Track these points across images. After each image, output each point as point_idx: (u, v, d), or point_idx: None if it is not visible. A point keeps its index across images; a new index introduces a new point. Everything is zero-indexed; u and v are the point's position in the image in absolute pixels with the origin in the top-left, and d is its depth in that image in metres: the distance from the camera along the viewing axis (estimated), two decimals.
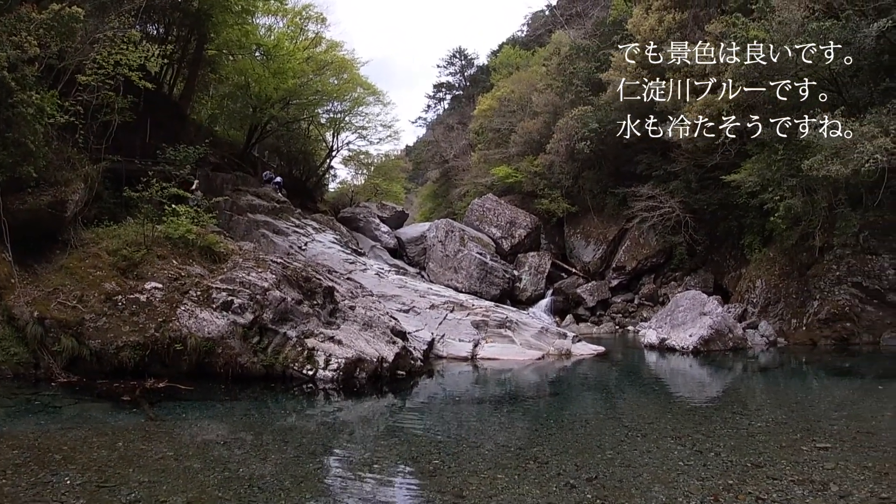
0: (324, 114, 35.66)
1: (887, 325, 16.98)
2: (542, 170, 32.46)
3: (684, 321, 18.51)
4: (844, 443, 7.94)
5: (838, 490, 6.21)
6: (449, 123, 54.69)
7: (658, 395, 12.78)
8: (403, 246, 32.00)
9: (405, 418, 10.31)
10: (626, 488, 6.31)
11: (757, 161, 19.98)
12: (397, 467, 7.26)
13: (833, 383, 13.37)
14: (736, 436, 8.54)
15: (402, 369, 13.40)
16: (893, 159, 14.93)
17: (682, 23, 27.08)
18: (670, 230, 26.58)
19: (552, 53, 38.47)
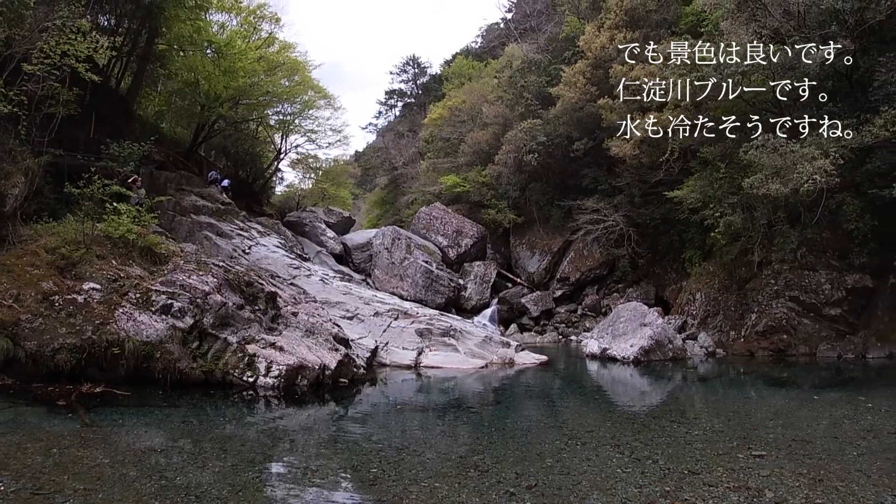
0: (273, 115, 35.31)
1: (823, 337, 17.63)
2: (489, 180, 32.78)
3: (625, 332, 18.84)
4: (780, 450, 8.18)
5: (773, 496, 6.40)
6: (399, 131, 54.73)
7: (599, 404, 12.95)
8: (349, 252, 31.81)
9: (347, 427, 10.19)
10: (565, 496, 6.37)
11: (699, 178, 20.57)
12: (337, 476, 7.18)
13: (770, 393, 13.74)
14: (674, 444, 8.70)
15: (345, 377, 13.25)
16: (832, 180, 15.51)
17: (633, 42, 27.60)
18: (614, 243, 27.16)
19: (504, 66, 38.96)
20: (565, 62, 31.27)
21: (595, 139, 27.60)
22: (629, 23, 28.11)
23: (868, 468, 7.28)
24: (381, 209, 50.68)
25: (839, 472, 7.15)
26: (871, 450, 8.09)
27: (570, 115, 28.67)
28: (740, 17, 19.15)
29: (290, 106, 34.54)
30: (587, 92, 27.94)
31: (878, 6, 15.74)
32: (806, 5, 17.05)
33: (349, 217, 38.85)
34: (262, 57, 30.13)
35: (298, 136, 36.93)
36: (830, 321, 17.59)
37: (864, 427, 9.43)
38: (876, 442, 8.54)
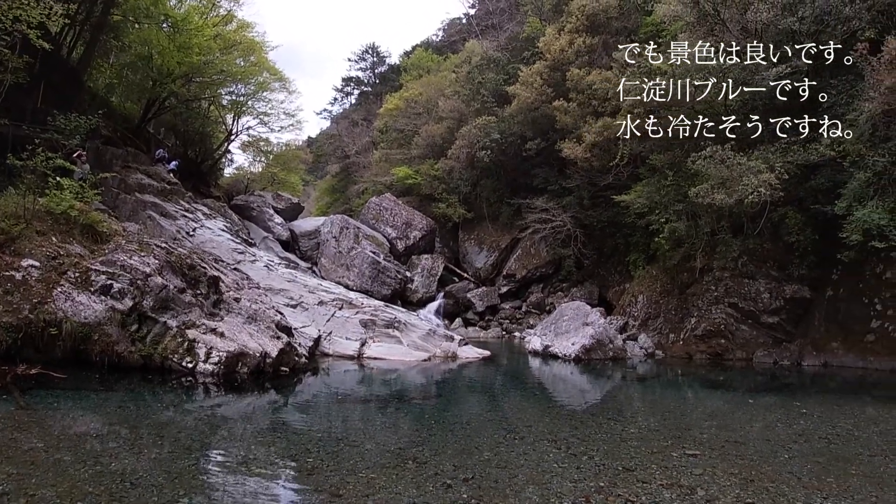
0: (226, 95, 34.50)
1: (760, 343, 18.06)
2: (441, 174, 32.74)
3: (568, 330, 19.05)
4: (713, 450, 8.31)
5: (705, 494, 6.48)
6: (354, 119, 54.27)
7: (538, 400, 13.05)
8: (297, 239, 31.38)
9: (286, 416, 10.06)
10: (501, 489, 6.40)
11: (647, 185, 20.88)
12: (275, 465, 7.09)
13: (706, 395, 13.99)
14: (610, 440, 8.79)
15: (286, 366, 13.07)
16: (776, 193, 15.90)
17: (592, 47, 27.99)
18: (561, 243, 27.44)
19: (463, 61, 38.93)
20: (524, 62, 31.45)
21: (548, 140, 27.81)
22: (590, 28, 28.40)
23: (799, 470, 7.45)
24: (331, 197, 50.14)
25: (770, 473, 7.30)
26: (802, 453, 8.28)
27: (525, 114, 28.85)
28: (699, 31, 19.50)
29: (243, 86, 33.81)
30: (543, 93, 28.14)
31: (834, 31, 16.21)
32: (764, 24, 17.43)
33: (298, 203, 38.31)
34: (219, 35, 29.44)
35: (251, 117, 36.27)
36: (768, 328, 18.06)
37: (796, 431, 9.65)
38: (807, 446, 8.74)
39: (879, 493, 6.65)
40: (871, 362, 15.69)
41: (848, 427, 9.90)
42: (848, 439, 9.13)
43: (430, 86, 39.78)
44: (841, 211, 15.08)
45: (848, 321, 16.59)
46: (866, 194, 14.82)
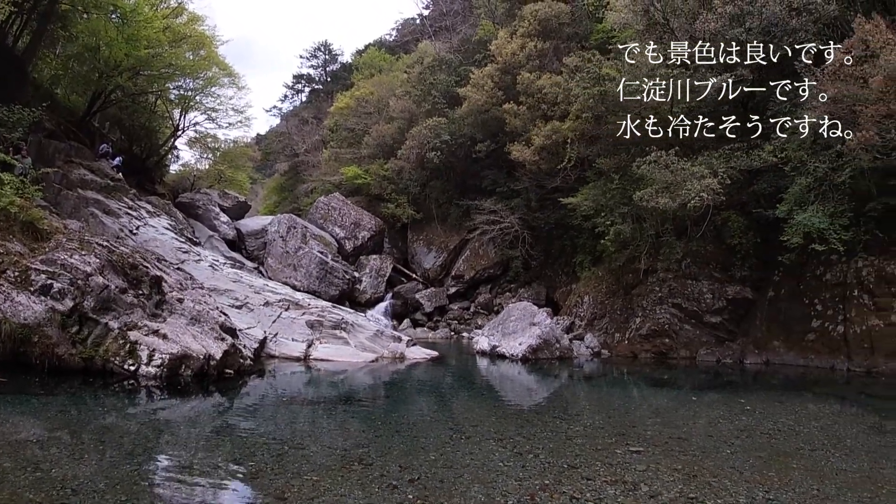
0: (174, 90, 33.47)
1: (703, 342, 18.36)
2: (391, 174, 32.62)
3: (515, 330, 19.10)
4: (657, 447, 8.37)
5: (648, 490, 6.52)
6: (304, 117, 53.67)
7: (485, 400, 13.03)
8: (243, 238, 30.84)
9: (231, 419, 9.85)
10: (446, 489, 6.36)
11: (594, 188, 21.13)
12: (219, 469, 6.93)
13: (651, 393, 14.15)
14: (555, 439, 8.80)
15: (231, 368, 12.78)
16: (718, 198, 16.22)
17: (543, 52, 28.26)
18: (509, 244, 27.61)
19: (416, 62, 38.94)
20: (476, 64, 31.61)
21: (497, 142, 27.98)
22: (541, 32, 28.69)
23: (741, 465, 7.55)
24: (279, 196, 49.45)
25: (713, 468, 7.39)
26: (744, 448, 8.41)
27: (475, 116, 28.98)
28: (647, 39, 19.79)
29: (192, 81, 32.94)
30: (494, 95, 28.33)
31: (780, 42, 16.62)
32: (712, 34, 17.78)
33: (245, 202, 37.59)
34: (169, 27, 28.65)
35: (198, 113, 35.28)
36: (711, 328, 18.39)
37: (738, 427, 9.81)
38: (749, 441, 8.87)
39: (820, 486, 6.78)
40: (812, 360, 16.11)
41: (789, 423, 10.09)
42: (789, 434, 9.30)
43: (382, 85, 39.65)
44: (782, 214, 15.45)
45: (789, 321, 17.00)
46: (807, 199, 15.21)
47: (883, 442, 8.87)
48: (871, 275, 15.31)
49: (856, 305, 15.50)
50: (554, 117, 24.90)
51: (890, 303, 14.92)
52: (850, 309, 15.59)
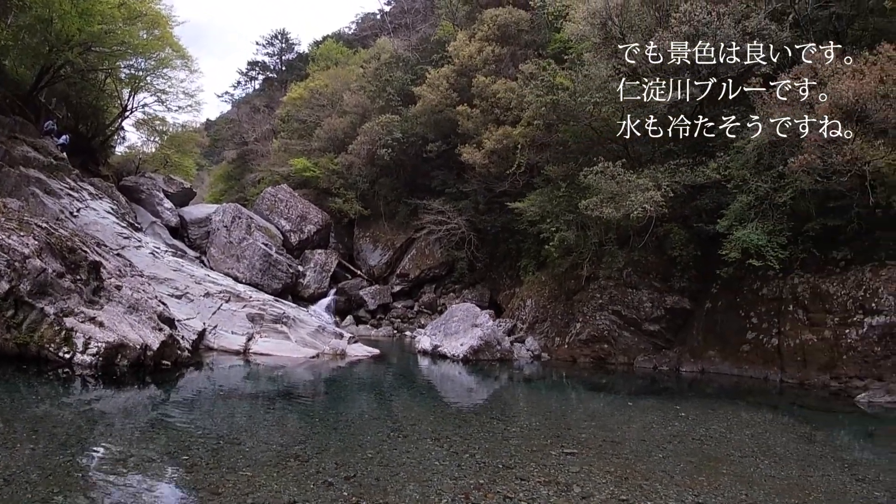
0: (125, 68, 32.31)
1: (641, 349, 18.73)
2: (340, 169, 32.32)
3: (457, 331, 19.20)
4: (591, 449, 8.52)
5: (581, 491, 6.63)
6: (256, 105, 52.74)
7: (425, 399, 13.06)
8: (186, 226, 30.08)
9: (166, 412, 9.67)
10: (382, 486, 6.39)
11: (541, 194, 21.33)
12: (153, 462, 6.82)
13: (588, 397, 14.35)
14: (491, 439, 8.87)
15: (168, 359, 12.57)
16: (660, 210, 16.54)
17: (500, 57, 28.41)
18: (455, 245, 27.69)
19: (373, 57, 38.69)
20: (433, 64, 31.56)
21: (449, 143, 28.01)
22: (500, 38, 28.82)
23: (672, 469, 7.72)
24: (225, 184, 48.42)
25: (644, 471, 7.53)
26: (676, 453, 8.59)
27: (428, 116, 28.94)
28: (603, 52, 20.07)
29: (144, 61, 31.79)
30: (448, 97, 28.34)
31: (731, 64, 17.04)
32: (665, 51, 18.12)
33: (190, 189, 36.64)
34: (125, 3, 27.65)
35: (148, 94, 33.98)
36: (649, 336, 18.77)
37: (671, 432, 10.01)
38: (681, 446, 9.08)
39: (749, 491, 6.96)
40: (746, 370, 16.56)
41: (721, 429, 10.35)
42: (720, 441, 9.55)
43: (338, 78, 39.29)
44: (722, 229, 15.81)
45: (725, 332, 17.44)
46: (747, 216, 15.61)
47: (812, 451, 9.15)
48: (806, 291, 15.85)
49: (790, 320, 16.02)
50: (506, 122, 25.09)
51: (823, 318, 15.44)
52: (785, 323, 16.11)
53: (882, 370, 14.23)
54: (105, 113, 33.83)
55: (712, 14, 16.85)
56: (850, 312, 15.03)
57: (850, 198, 14.45)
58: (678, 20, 17.21)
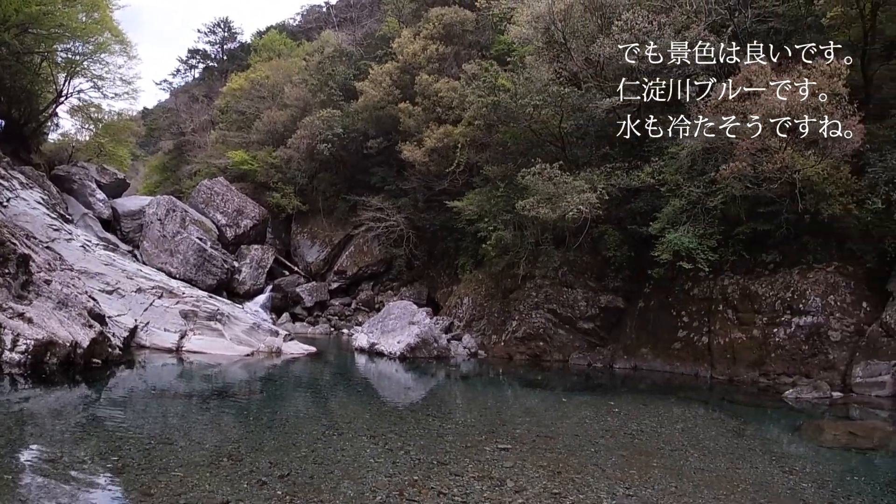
0: (62, 52, 31.03)
1: (576, 347, 19.05)
2: (279, 163, 31.66)
3: (394, 328, 19.15)
4: (525, 445, 8.65)
5: (514, 485, 6.74)
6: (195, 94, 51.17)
7: (361, 397, 13.03)
8: (119, 218, 29.09)
9: (98, 412, 9.51)
10: (316, 485, 6.38)
11: (479, 193, 21.49)
12: (84, 464, 6.68)
13: (524, 393, 14.58)
14: (427, 436, 8.93)
15: (99, 357, 12.28)
16: (596, 212, 16.88)
17: (444, 56, 28.43)
18: (393, 242, 27.56)
19: (316, 50, 38.02)
20: (376, 60, 31.34)
21: (390, 140, 27.86)
22: (444, 37, 28.82)
23: (604, 463, 7.90)
24: (161, 175, 46.93)
25: (577, 465, 7.69)
26: (608, 447, 8.80)
27: (370, 112, 28.73)
28: (545, 56, 20.32)
29: (82, 45, 30.64)
30: (391, 93, 28.19)
31: (671, 73, 17.47)
32: (607, 58, 18.45)
33: (124, 179, 35.36)
34: None
35: (84, 80, 32.70)
36: (583, 333, 19.14)
37: (604, 427, 10.25)
38: (614, 440, 9.30)
39: (678, 483, 7.18)
40: (677, 367, 17.07)
41: (652, 424, 10.64)
42: (652, 435, 9.81)
43: (280, 70, 38.53)
44: (655, 232, 16.20)
45: (657, 330, 17.93)
46: (679, 219, 16.04)
47: (741, 444, 9.49)
48: (735, 292, 16.49)
49: (720, 319, 16.63)
50: (448, 121, 25.14)
51: (752, 318, 16.10)
52: (715, 322, 16.71)
53: (809, 368, 14.96)
54: (39, 98, 32.46)
55: (653, 23, 17.25)
56: (778, 313, 15.73)
57: (779, 204, 15.01)
58: (620, 28, 17.55)
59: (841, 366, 14.66)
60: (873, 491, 7.25)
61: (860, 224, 14.83)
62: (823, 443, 9.88)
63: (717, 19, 17.69)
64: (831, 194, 14.08)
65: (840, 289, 15.32)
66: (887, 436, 10.63)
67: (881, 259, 15.06)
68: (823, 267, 15.67)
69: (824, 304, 15.22)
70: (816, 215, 14.58)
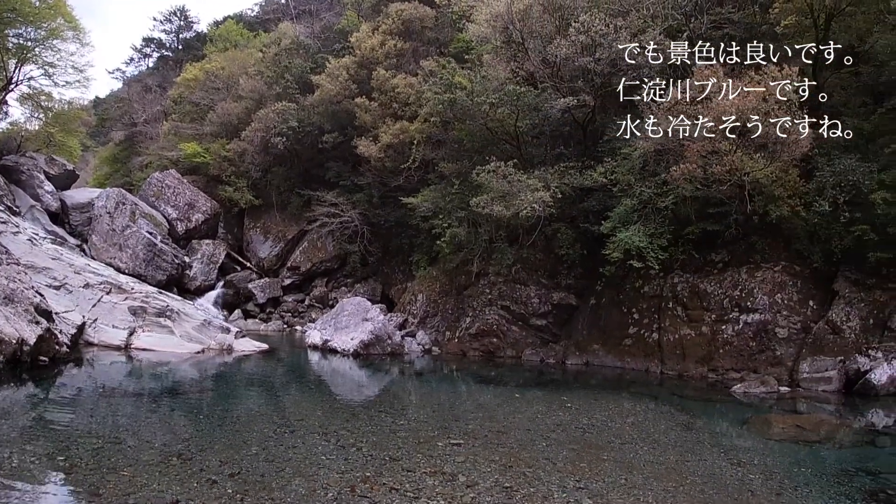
0: (13, 37, 29.92)
1: (528, 343, 19.27)
2: (232, 156, 31.05)
3: (348, 325, 19.14)
4: (477, 440, 8.72)
5: (466, 480, 6.79)
6: (148, 84, 49.86)
7: (313, 394, 12.96)
8: (67, 211, 28.36)
9: (46, 412, 9.29)
10: (267, 483, 6.36)
11: (434, 190, 21.54)
12: (31, 465, 6.54)
13: (477, 389, 14.64)
14: (379, 432, 8.93)
15: (46, 355, 11.96)
16: (549, 210, 17.07)
17: (402, 51, 28.34)
18: (348, 238, 27.42)
19: (273, 41, 37.56)
20: (334, 54, 31.12)
21: (345, 135, 27.62)
22: (403, 32, 28.74)
23: (555, 456, 8.00)
24: (111, 167, 45.68)
25: (529, 459, 7.78)
26: (559, 441, 8.91)
27: (326, 106, 28.49)
28: (503, 55, 20.47)
29: (34, 30, 29.67)
30: (347, 88, 28.01)
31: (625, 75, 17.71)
32: (563, 58, 18.64)
33: (73, 171, 34.33)
34: None
35: (35, 67, 31.53)
36: (536, 330, 19.39)
37: (556, 421, 10.35)
38: (565, 434, 9.43)
39: (628, 475, 7.32)
40: (628, 363, 17.42)
41: (603, 418, 10.81)
42: (602, 429, 9.98)
43: (235, 61, 37.83)
44: (606, 231, 16.45)
45: (608, 326, 18.25)
46: (630, 219, 16.32)
47: (690, 437, 9.72)
48: (685, 290, 16.92)
49: (670, 316, 17.03)
50: (404, 117, 25.08)
51: (701, 315, 16.54)
52: (665, 319, 17.10)
53: (757, 363, 15.41)
54: None
55: (610, 26, 17.51)
56: (726, 310, 16.18)
57: (729, 205, 15.41)
58: (577, 30, 17.75)
59: (788, 362, 15.15)
60: (820, 482, 7.49)
61: (807, 226, 15.36)
62: (771, 436, 10.14)
63: (673, 24, 17.97)
64: (780, 196, 14.48)
65: (787, 287, 15.86)
66: (834, 429, 10.99)
67: (827, 259, 15.59)
68: (771, 266, 16.18)
69: (772, 302, 15.73)
70: (765, 217, 15.00)
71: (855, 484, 7.45)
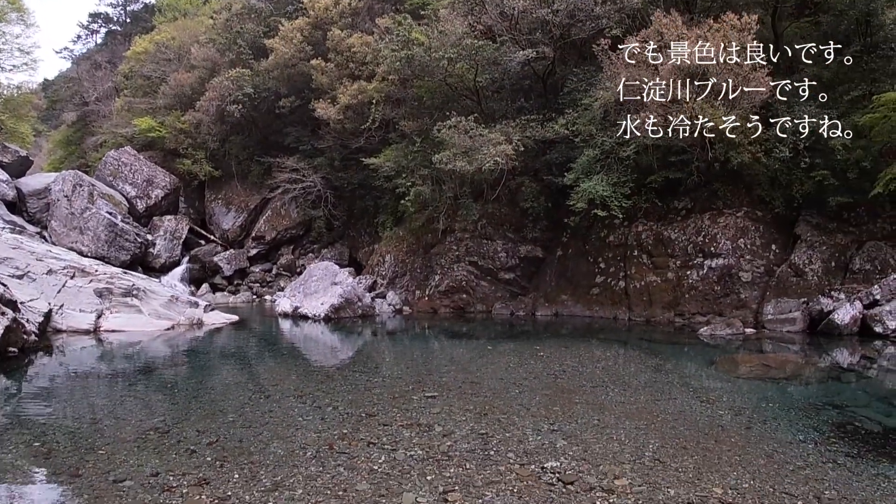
0: None
1: (498, 297, 19.51)
2: (188, 128, 30.42)
3: (317, 290, 19.10)
4: (451, 391, 8.83)
5: (442, 430, 6.89)
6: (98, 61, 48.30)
7: (286, 360, 12.90)
8: (24, 199, 27.50)
9: (19, 402, 9.04)
10: (245, 448, 6.38)
11: (396, 149, 21.41)
12: (8, 453, 6.43)
13: (450, 345, 14.78)
14: (354, 391, 8.98)
15: (14, 346, 11.65)
16: (512, 163, 17.09)
17: (357, 10, 27.91)
18: (311, 204, 27.27)
19: (224, 7, 36.48)
20: (286, 16, 30.44)
21: (303, 99, 27.26)
22: None
23: (528, 402, 8.14)
24: (65, 150, 44.39)
25: (502, 406, 7.89)
26: (531, 388, 9.06)
27: (281, 70, 27.99)
28: (460, 9, 20.23)
29: None
30: (302, 50, 27.53)
31: (584, 26, 17.63)
32: (520, 11, 18.48)
33: (27, 157, 33.12)
34: None
35: None
36: (505, 284, 19.62)
37: (528, 370, 10.50)
38: (537, 382, 9.58)
39: (601, 416, 7.48)
40: (596, 311, 17.70)
41: (574, 364, 10.99)
42: (574, 375, 10.14)
43: (186, 30, 36.88)
44: (570, 182, 16.57)
45: (576, 277, 18.51)
46: (593, 169, 16.43)
47: (660, 379, 9.91)
48: (649, 238, 17.15)
49: (636, 264, 17.28)
50: (361, 77, 24.75)
51: (666, 262, 16.83)
52: (631, 267, 17.35)
53: (722, 307, 15.72)
54: None
55: None
56: (690, 256, 16.46)
57: (690, 153, 15.56)
58: None
59: (752, 304, 15.48)
60: (788, 416, 7.69)
61: (768, 172, 15.59)
62: (739, 375, 10.34)
63: None
64: (740, 143, 14.56)
65: (750, 232, 16.15)
66: (799, 367, 11.25)
67: (789, 204, 15.90)
68: (733, 212, 16.45)
69: (735, 247, 16.01)
70: (726, 163, 15.15)
71: (822, 417, 7.66)
